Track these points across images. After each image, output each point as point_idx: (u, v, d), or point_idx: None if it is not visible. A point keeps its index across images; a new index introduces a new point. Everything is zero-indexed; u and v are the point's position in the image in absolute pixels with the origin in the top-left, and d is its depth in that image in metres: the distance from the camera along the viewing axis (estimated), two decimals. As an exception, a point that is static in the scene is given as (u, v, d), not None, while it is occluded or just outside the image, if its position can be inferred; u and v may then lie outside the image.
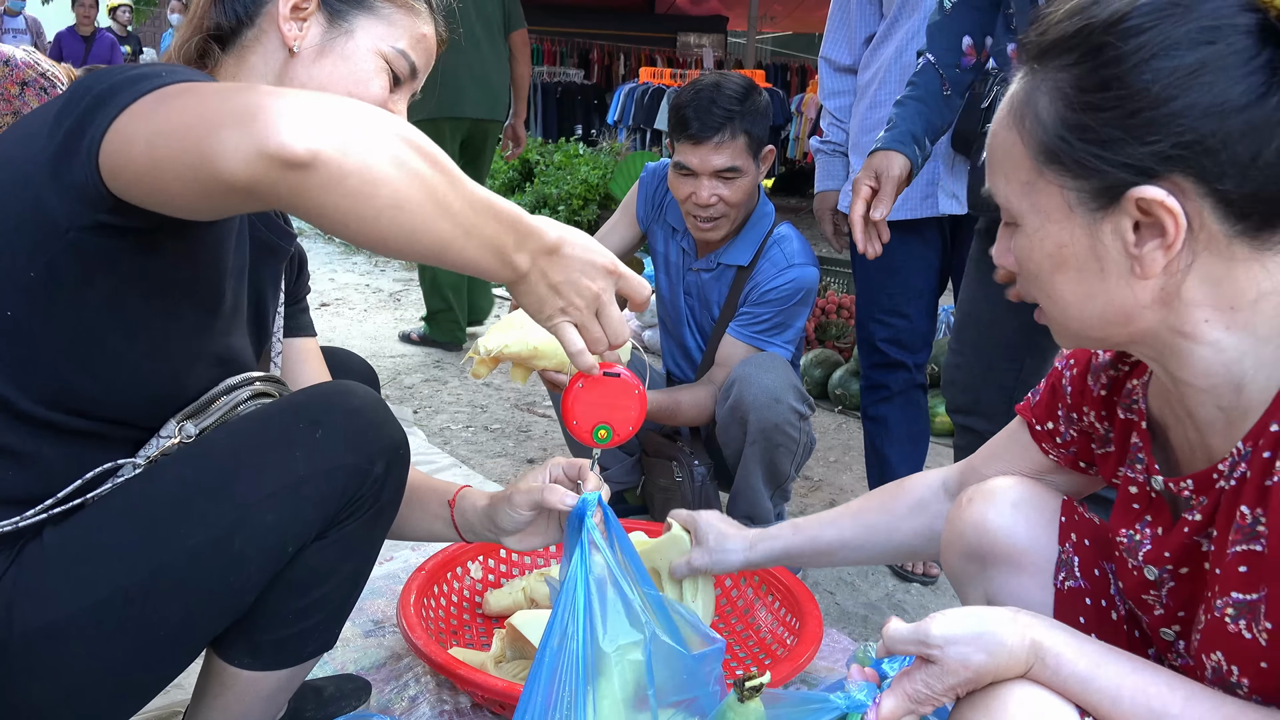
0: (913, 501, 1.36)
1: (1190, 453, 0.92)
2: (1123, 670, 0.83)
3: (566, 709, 1.07)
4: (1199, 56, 0.75)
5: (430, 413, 3.47)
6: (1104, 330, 0.87)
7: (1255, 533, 0.80)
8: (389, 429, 1.14)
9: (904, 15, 2.22)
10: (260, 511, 1.04)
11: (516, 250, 0.95)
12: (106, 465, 1.05)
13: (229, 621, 1.10)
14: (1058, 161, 0.82)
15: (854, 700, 0.96)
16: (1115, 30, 0.78)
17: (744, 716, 1.12)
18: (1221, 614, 0.83)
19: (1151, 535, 0.97)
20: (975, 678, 0.86)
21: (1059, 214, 0.84)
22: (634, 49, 13.25)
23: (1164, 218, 0.78)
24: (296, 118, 0.80)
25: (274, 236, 1.27)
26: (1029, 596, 1.11)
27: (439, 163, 0.87)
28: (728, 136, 2.12)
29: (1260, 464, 0.80)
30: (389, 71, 1.16)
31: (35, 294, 0.96)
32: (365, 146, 0.82)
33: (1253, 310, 0.81)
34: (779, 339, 2.25)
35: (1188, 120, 0.76)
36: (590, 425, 1.16)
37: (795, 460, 2.21)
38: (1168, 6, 0.77)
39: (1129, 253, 0.81)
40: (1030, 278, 0.90)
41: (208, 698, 1.19)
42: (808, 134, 8.50)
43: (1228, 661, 0.83)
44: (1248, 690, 0.82)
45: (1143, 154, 0.78)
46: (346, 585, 1.17)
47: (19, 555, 1.01)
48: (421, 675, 1.70)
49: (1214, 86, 0.75)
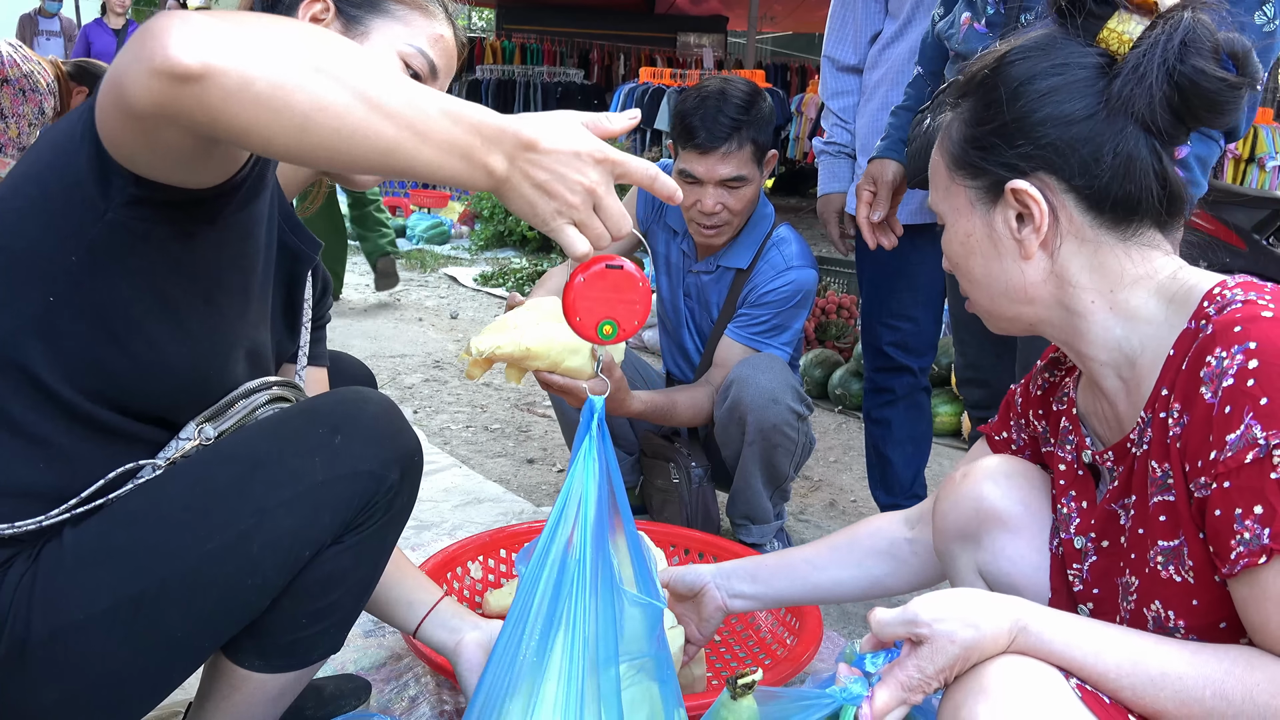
0: (880, 542, 1.39)
1: (1108, 429, 1.08)
2: (1102, 632, 0.92)
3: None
4: (1051, 83, 1.00)
5: (430, 413, 3.46)
6: (1014, 308, 1.07)
7: (1166, 484, 0.96)
8: (405, 437, 1.15)
9: (919, 16, 2.19)
10: (277, 516, 1.04)
11: (488, 152, 0.88)
12: (128, 466, 1.05)
13: (244, 624, 1.10)
14: (962, 167, 1.06)
15: (849, 693, 0.97)
16: (997, 67, 1.03)
17: (737, 714, 1.11)
18: (1154, 564, 0.97)
19: (1078, 509, 1.12)
20: (963, 653, 0.91)
21: (965, 210, 1.07)
22: (634, 49, 13.26)
23: (1031, 205, 1.01)
24: (187, 34, 0.77)
25: (301, 244, 1.28)
26: (1025, 559, 1.16)
27: (367, 64, 0.83)
28: (734, 146, 2.11)
29: (1159, 424, 0.97)
30: (408, 71, 1.18)
31: (78, 278, 0.98)
32: (268, 52, 0.79)
33: (1130, 293, 1.01)
34: (777, 340, 2.25)
35: (1043, 129, 1.00)
36: (595, 321, 1.05)
37: (794, 460, 2.21)
38: (1034, 49, 1.02)
39: (1014, 238, 1.03)
40: (954, 265, 1.11)
41: (215, 698, 1.19)
42: (808, 134, 8.50)
43: (1165, 608, 0.96)
44: (1184, 631, 0.95)
45: (1013, 156, 1.01)
46: (357, 590, 1.18)
47: (39, 556, 1.01)
48: (421, 675, 1.70)
49: (1062, 104, 0.99)
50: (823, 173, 2.46)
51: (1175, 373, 0.95)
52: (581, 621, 1.06)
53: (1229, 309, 0.92)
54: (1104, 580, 1.07)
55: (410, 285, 5.95)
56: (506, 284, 5.87)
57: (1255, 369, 0.86)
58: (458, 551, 1.91)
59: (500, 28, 14.25)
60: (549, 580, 1.07)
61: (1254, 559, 0.85)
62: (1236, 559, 0.87)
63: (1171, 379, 0.95)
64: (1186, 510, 0.93)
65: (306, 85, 0.80)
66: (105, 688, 1.03)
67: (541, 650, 1.07)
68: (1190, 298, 0.97)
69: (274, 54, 0.79)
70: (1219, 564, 0.89)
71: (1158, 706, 0.88)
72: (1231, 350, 0.88)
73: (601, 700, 1.06)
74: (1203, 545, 0.92)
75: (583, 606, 1.06)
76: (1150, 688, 0.88)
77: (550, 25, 13.43)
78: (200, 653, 1.10)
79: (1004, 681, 0.88)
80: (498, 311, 5.31)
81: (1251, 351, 0.87)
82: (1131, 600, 1.00)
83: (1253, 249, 3.81)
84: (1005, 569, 1.17)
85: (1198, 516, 0.92)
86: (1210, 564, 0.91)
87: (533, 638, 1.07)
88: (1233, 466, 0.87)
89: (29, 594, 0.99)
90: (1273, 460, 0.84)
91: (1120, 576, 1.03)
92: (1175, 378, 0.95)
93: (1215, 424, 0.88)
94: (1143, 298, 1.00)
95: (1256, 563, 0.85)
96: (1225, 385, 0.88)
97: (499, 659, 1.09)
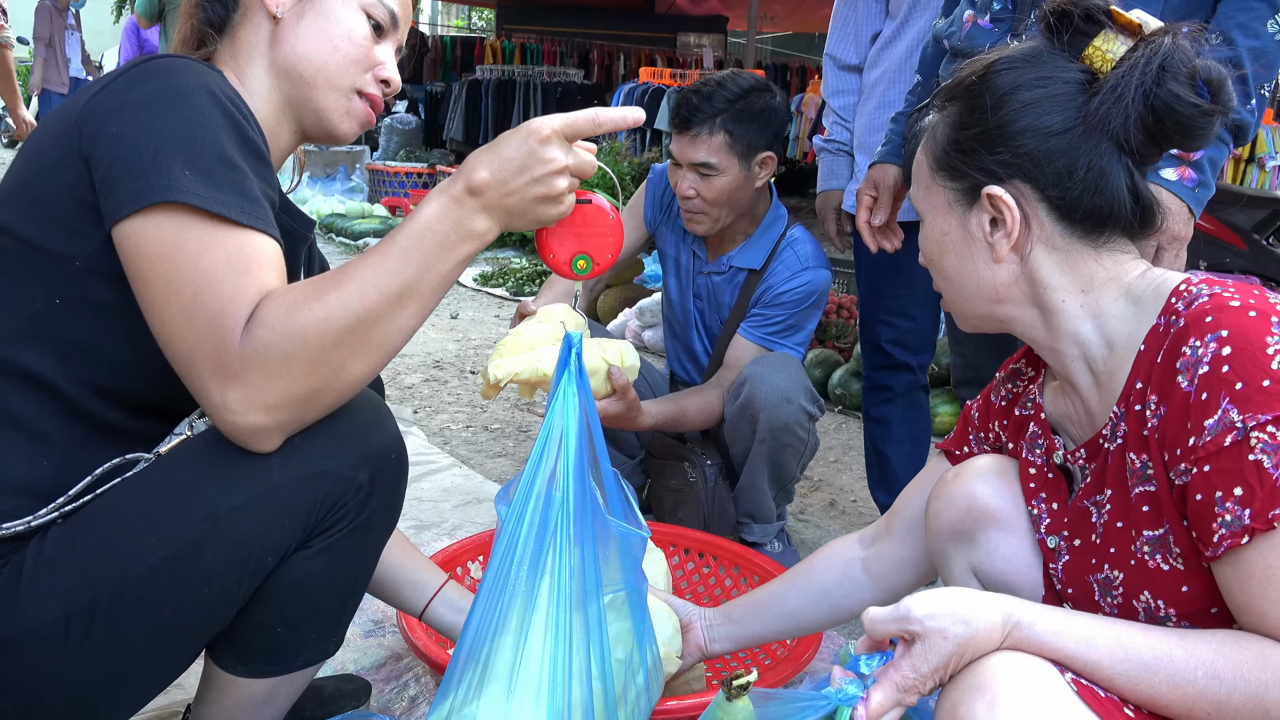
0: (835, 565, 1.40)
1: (1079, 428, 1.11)
2: (1093, 624, 0.92)
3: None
4: (1033, 95, 1.02)
5: (430, 413, 3.46)
6: (985, 307, 1.11)
7: (1147, 475, 0.98)
8: (378, 434, 1.10)
9: (915, 15, 2.20)
10: (231, 521, 1.00)
11: (464, 225, 1.01)
12: (115, 461, 1.04)
13: (215, 631, 1.08)
14: (944, 169, 1.10)
15: (845, 695, 0.96)
16: (984, 74, 1.06)
17: (732, 715, 1.11)
18: (1140, 554, 0.99)
19: (1048, 509, 1.14)
20: (957, 651, 0.92)
21: (943, 209, 1.11)
22: (634, 49, 13.24)
23: (1004, 210, 1.04)
24: (243, 396, 0.94)
25: (295, 224, 1.28)
26: (1019, 556, 1.17)
27: (378, 287, 0.97)
28: (705, 132, 2.13)
29: (1134, 416, 0.99)
30: (370, 21, 1.20)
31: (79, 278, 1.00)
32: (320, 370, 0.96)
33: (1100, 293, 1.04)
34: (791, 341, 2.25)
35: (1022, 139, 1.03)
36: (568, 256, 1.10)
37: (801, 461, 2.21)
38: (1020, 61, 1.04)
39: (986, 240, 1.07)
40: (928, 262, 1.16)
41: (206, 702, 1.18)
42: (808, 133, 8.49)
43: (1154, 598, 0.98)
44: (1176, 619, 0.97)
45: (992, 162, 1.05)
46: (339, 595, 1.15)
47: (13, 557, 1.01)
48: (421, 675, 1.70)
49: (1041, 116, 1.02)
50: (822, 169, 2.47)
51: (1149, 366, 0.98)
52: (567, 554, 1.08)
53: (1197, 302, 0.95)
54: (1077, 579, 1.08)
55: (410, 285, 5.95)
56: (506, 283, 5.87)
57: (1229, 355, 0.89)
58: (458, 551, 1.91)
59: (500, 28, 14.25)
60: (535, 514, 1.08)
61: (1236, 540, 0.87)
62: (1220, 541, 0.89)
63: (1145, 372, 0.98)
64: (1169, 498, 0.95)
65: (351, 359, 0.97)
66: (68, 698, 1.01)
67: (532, 583, 1.07)
68: (1158, 295, 1.00)
69: (323, 364, 0.95)
70: (1202, 548, 0.91)
71: (1153, 692, 0.89)
72: (1205, 339, 0.91)
73: (589, 633, 1.08)
74: (1187, 532, 0.94)
75: (568, 538, 1.07)
76: (1144, 673, 0.89)
77: (550, 25, 13.42)
78: (173, 662, 1.08)
79: (1001, 678, 0.88)
80: (498, 312, 5.31)
81: (1224, 339, 0.90)
82: (1117, 595, 1.02)
83: (1253, 249, 3.81)
84: (1000, 567, 1.18)
85: (1179, 503, 0.94)
86: (1197, 550, 0.93)
87: (521, 570, 1.08)
88: (1212, 450, 0.89)
89: (20, 592, 0.98)
90: (1250, 442, 0.87)
91: (1095, 574, 1.05)
92: (1150, 371, 0.98)
93: (1193, 411, 0.91)
94: (1112, 297, 1.04)
95: (1239, 543, 0.87)
96: (1201, 373, 0.91)
97: (486, 595, 1.09)
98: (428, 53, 12.98)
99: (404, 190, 8.97)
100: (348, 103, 1.21)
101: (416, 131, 10.59)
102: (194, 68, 1.05)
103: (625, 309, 4.48)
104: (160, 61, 1.05)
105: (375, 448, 1.09)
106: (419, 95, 12.01)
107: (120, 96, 1.00)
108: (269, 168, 1.09)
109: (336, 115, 1.21)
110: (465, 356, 4.27)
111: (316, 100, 1.19)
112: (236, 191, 0.99)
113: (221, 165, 0.99)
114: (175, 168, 0.96)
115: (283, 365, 0.93)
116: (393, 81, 1.23)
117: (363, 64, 1.20)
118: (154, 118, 0.98)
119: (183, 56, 1.09)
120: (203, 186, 0.96)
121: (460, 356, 4.25)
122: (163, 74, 1.02)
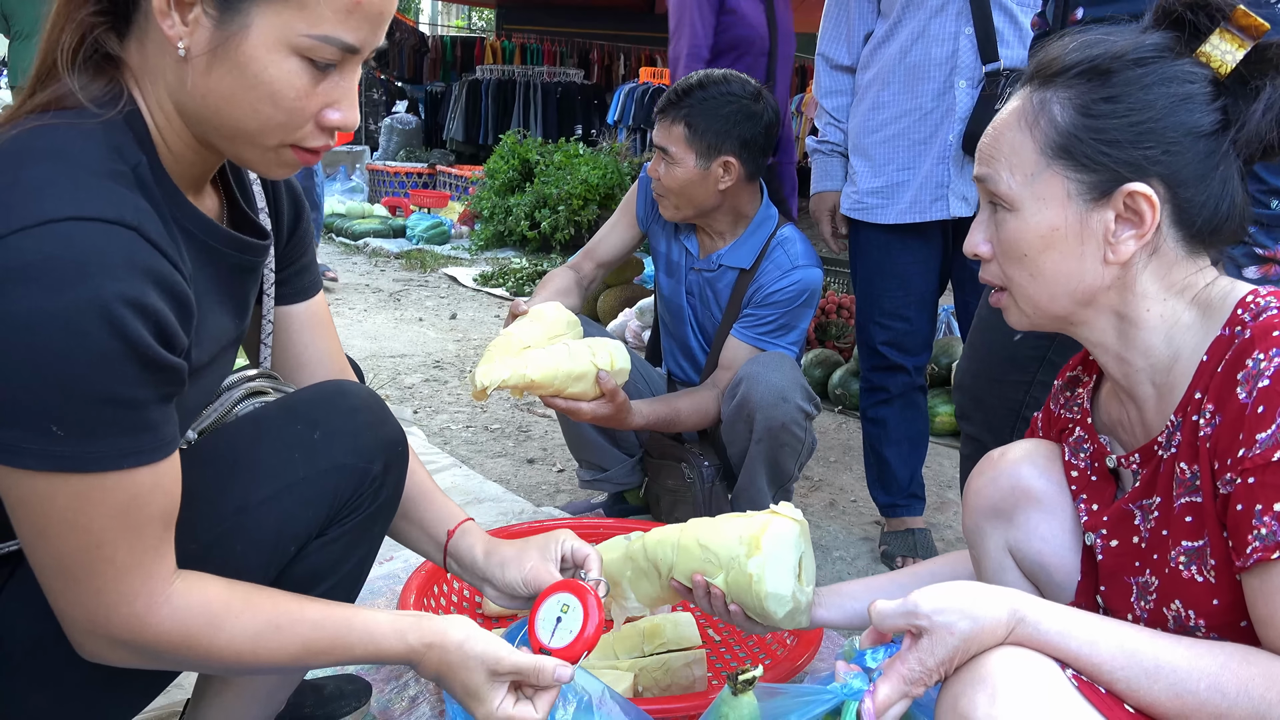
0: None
1: (1131, 436, 1.10)
2: (1098, 625, 0.92)
3: None
4: (1186, 90, 0.97)
5: (430, 413, 3.47)
6: (1069, 308, 1.05)
7: (1194, 486, 0.97)
8: (387, 428, 1.15)
9: (908, 16, 2.19)
10: (259, 514, 1.04)
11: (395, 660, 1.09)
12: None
13: None
14: (1068, 156, 1.00)
15: (850, 689, 0.97)
16: (1125, 60, 0.99)
17: (737, 710, 1.12)
18: (1176, 563, 0.98)
19: (1087, 510, 1.13)
20: (962, 644, 0.92)
21: (1058, 200, 1.01)
22: (634, 49, 13.24)
23: (1145, 209, 0.98)
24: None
25: (246, 255, 1.10)
26: (1057, 539, 1.18)
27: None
28: (669, 120, 2.20)
29: (1190, 426, 0.98)
30: (314, 67, 0.92)
31: None
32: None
33: (1176, 301, 1.02)
34: (784, 340, 2.25)
35: (1173, 135, 0.97)
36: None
37: (799, 460, 2.22)
38: (1158, 52, 0.99)
39: (1107, 240, 1.00)
40: (1016, 258, 1.05)
41: (209, 695, 1.19)
42: (808, 134, 8.49)
43: (1185, 607, 0.97)
44: (1204, 630, 0.96)
45: (1138, 156, 0.98)
46: (348, 581, 1.18)
47: (20, 564, 1.01)
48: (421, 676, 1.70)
49: (1193, 114, 0.97)
50: (816, 171, 2.47)
51: (1210, 376, 0.97)
52: None
53: (1265, 315, 0.95)
54: (1111, 578, 1.08)
55: (410, 285, 5.95)
56: (506, 284, 5.87)
57: None
58: (457, 551, 1.91)
59: (500, 28, 14.24)
60: None
61: (1268, 553, 0.87)
62: (1251, 552, 0.88)
63: (1205, 383, 0.97)
64: (1212, 508, 0.95)
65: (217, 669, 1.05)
66: (91, 690, 1.02)
67: None
68: (1224, 305, 0.99)
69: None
70: (1235, 557, 0.91)
71: (1152, 698, 0.89)
72: (1270, 353, 0.91)
73: None
74: (1225, 544, 0.94)
75: None
76: (1145, 679, 0.89)
77: (550, 25, 13.42)
78: None
79: (1002, 672, 0.89)
80: (498, 312, 5.31)
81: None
82: (1150, 599, 1.02)
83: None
84: (1037, 547, 1.19)
85: (1222, 513, 0.93)
86: (1231, 562, 0.93)
87: None
88: (1260, 463, 0.89)
89: (16, 600, 0.99)
90: None
91: (1136, 576, 1.05)
92: (1209, 381, 0.97)
93: (1247, 423, 0.90)
94: (1184, 306, 1.02)
95: (1270, 557, 0.87)
96: (1261, 386, 0.90)
97: None
98: (428, 52, 12.99)
99: (404, 190, 8.97)
100: (276, 155, 0.97)
101: (416, 131, 10.59)
102: (90, 244, 0.82)
103: (625, 309, 4.48)
104: (37, 238, 0.80)
105: (386, 440, 1.14)
106: (419, 95, 12.03)
107: None
108: (188, 329, 0.92)
109: (263, 167, 0.99)
110: (465, 356, 4.27)
111: (238, 153, 0.98)
112: (121, 430, 0.85)
113: (103, 407, 0.83)
114: (42, 424, 0.82)
115: (153, 660, 0.96)
116: (347, 123, 0.97)
117: (295, 123, 0.94)
118: (17, 360, 0.80)
119: (69, 148, 0.88)
120: (73, 443, 0.83)
121: (460, 356, 4.25)
122: (40, 278, 0.80)
